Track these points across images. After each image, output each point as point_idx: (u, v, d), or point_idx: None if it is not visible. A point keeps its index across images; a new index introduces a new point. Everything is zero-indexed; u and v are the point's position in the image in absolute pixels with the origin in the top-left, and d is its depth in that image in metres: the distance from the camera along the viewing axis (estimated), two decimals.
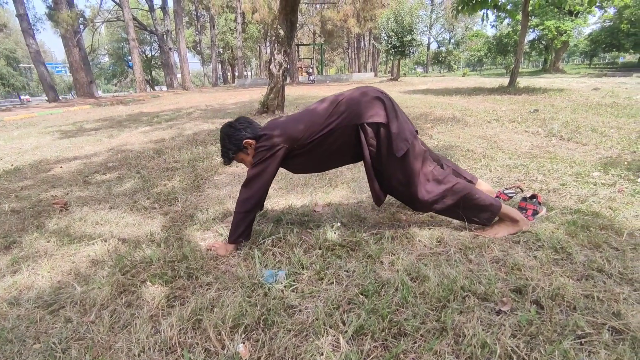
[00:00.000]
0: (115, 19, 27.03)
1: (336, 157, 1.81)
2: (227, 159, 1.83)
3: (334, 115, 1.69)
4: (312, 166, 1.89)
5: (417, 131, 1.80)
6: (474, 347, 1.08)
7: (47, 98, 17.04)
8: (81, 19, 19.65)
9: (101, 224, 2.23)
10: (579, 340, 1.09)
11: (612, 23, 30.26)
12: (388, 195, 1.87)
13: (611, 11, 28.86)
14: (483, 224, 1.78)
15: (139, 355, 1.14)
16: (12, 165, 4.00)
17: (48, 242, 2.01)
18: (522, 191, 2.23)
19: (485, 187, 2.11)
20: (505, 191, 2.18)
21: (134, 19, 23.78)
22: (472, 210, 1.73)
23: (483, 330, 1.14)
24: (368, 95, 1.68)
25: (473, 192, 1.71)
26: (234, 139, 1.76)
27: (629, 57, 42.03)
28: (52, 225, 2.24)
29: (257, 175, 1.70)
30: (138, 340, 1.20)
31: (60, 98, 18.21)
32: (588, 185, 2.35)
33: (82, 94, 17.71)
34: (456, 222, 1.93)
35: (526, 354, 1.05)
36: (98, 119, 8.26)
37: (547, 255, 1.55)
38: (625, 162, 2.79)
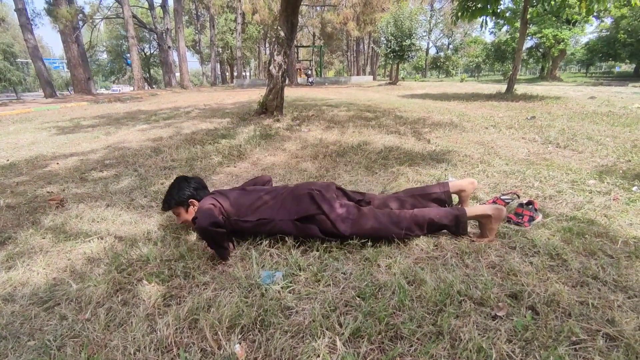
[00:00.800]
0: (114, 16, 26.95)
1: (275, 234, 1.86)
2: (167, 206, 1.94)
3: (269, 207, 1.82)
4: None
5: (363, 193, 2.01)
6: (470, 351, 1.08)
7: (44, 94, 16.93)
8: (80, 15, 19.56)
9: (97, 222, 2.22)
10: (574, 347, 1.10)
11: (609, 33, 30.56)
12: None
13: (608, 21, 29.16)
14: (460, 234, 1.81)
15: (134, 354, 1.14)
16: (8, 160, 3.97)
17: (44, 238, 2.00)
18: (519, 197, 2.25)
19: (465, 182, 2.04)
20: (502, 197, 2.20)
21: (134, 16, 23.70)
22: (444, 226, 1.79)
23: (479, 334, 1.15)
24: (300, 189, 1.83)
25: (431, 214, 1.76)
26: (182, 192, 1.91)
27: (625, 67, 42.45)
28: (47, 221, 2.22)
29: (204, 216, 1.65)
30: (134, 338, 1.19)
31: (58, 94, 18.10)
32: (584, 193, 2.37)
33: (79, 91, 17.61)
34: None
35: (521, 359, 1.06)
36: (95, 115, 8.22)
37: (542, 262, 1.56)
38: (621, 171, 2.81)
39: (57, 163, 3.76)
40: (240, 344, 1.16)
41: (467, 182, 2.02)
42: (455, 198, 2.10)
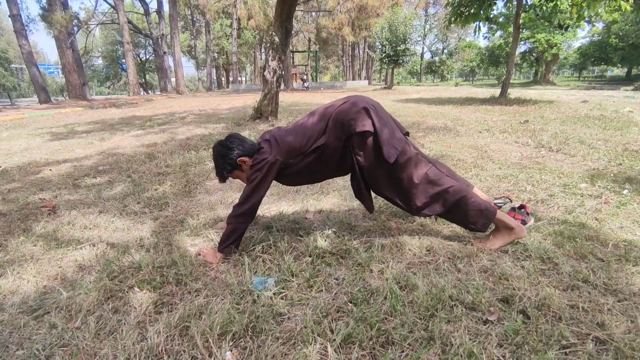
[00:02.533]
0: (109, 22, 26.91)
1: (328, 169, 1.83)
2: (222, 177, 1.84)
3: (324, 130, 1.71)
4: (304, 179, 1.91)
5: (408, 133, 1.82)
6: (461, 356, 1.08)
7: (38, 99, 16.84)
8: (75, 20, 19.53)
9: (90, 228, 2.20)
10: (564, 351, 1.10)
11: (600, 37, 30.97)
12: (380, 203, 1.89)
13: (600, 26, 29.57)
14: (478, 230, 1.75)
15: None
16: (0, 167, 3.94)
17: (35, 246, 1.98)
18: (511, 201, 2.26)
19: (480, 195, 2.08)
20: (495, 201, 2.21)
21: (129, 22, 23.70)
22: (466, 214, 1.71)
23: (470, 339, 1.15)
24: (357, 106, 1.68)
25: (469, 195, 1.70)
26: (228, 158, 1.77)
27: (616, 71, 43.00)
28: (39, 228, 2.21)
29: (253, 191, 1.71)
30: (124, 347, 1.18)
31: (52, 100, 18.02)
32: (575, 197, 2.39)
33: (74, 96, 17.55)
34: (445, 231, 1.95)
35: None
36: (90, 121, 8.19)
37: (534, 266, 1.57)
38: (612, 174, 2.84)
39: (50, 169, 3.74)
40: (231, 351, 1.16)
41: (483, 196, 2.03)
42: None
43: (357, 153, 1.70)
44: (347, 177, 2.99)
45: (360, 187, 1.81)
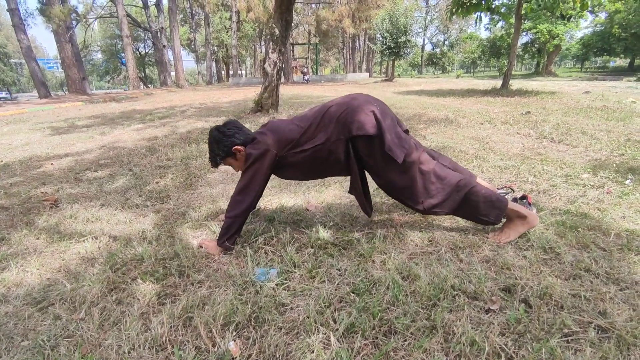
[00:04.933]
0: (108, 15, 26.77)
1: (325, 168, 1.79)
2: (215, 163, 1.82)
3: (324, 128, 1.67)
4: (300, 174, 1.86)
5: (407, 131, 1.80)
6: (463, 345, 1.09)
7: (38, 94, 16.81)
8: (74, 14, 19.42)
9: (92, 221, 2.21)
10: (566, 339, 1.11)
11: (603, 27, 30.67)
12: (382, 194, 1.88)
13: (603, 16, 29.25)
14: (492, 222, 1.71)
15: (128, 352, 1.14)
16: (2, 161, 3.94)
17: (37, 239, 1.99)
18: (514, 191, 2.26)
19: (485, 185, 2.05)
20: (498, 191, 2.20)
21: (128, 15, 23.57)
22: (478, 208, 1.66)
23: (472, 328, 1.16)
24: (360, 106, 1.64)
25: (477, 187, 1.66)
26: (222, 144, 1.74)
27: (619, 62, 42.64)
28: (41, 222, 2.21)
29: (249, 181, 1.70)
30: (128, 337, 1.19)
31: (52, 94, 17.98)
32: (577, 187, 2.39)
33: (74, 91, 17.51)
34: (447, 222, 1.95)
35: (514, 352, 1.07)
36: (90, 115, 8.18)
37: (536, 255, 1.57)
38: (614, 165, 2.83)
39: (52, 163, 3.74)
40: (234, 341, 1.16)
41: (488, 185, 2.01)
42: None
43: (361, 155, 1.68)
44: None
45: (359, 192, 1.79)
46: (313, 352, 1.10)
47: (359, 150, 1.68)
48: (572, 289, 1.33)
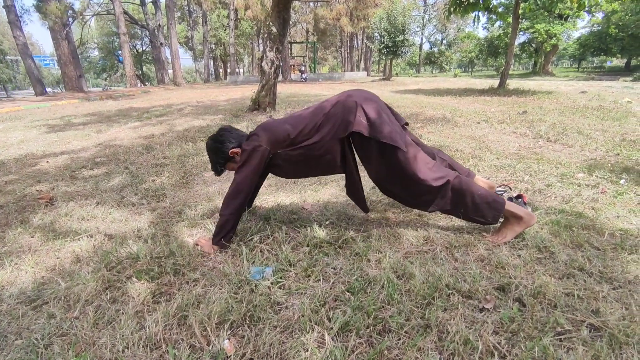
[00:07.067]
0: (105, 12, 26.58)
1: (322, 166, 1.78)
2: (218, 171, 1.86)
3: (320, 126, 1.68)
4: (295, 172, 1.87)
5: (407, 124, 1.81)
6: (457, 343, 1.09)
7: (34, 91, 16.71)
8: (70, 11, 19.28)
9: (87, 220, 2.20)
10: (559, 337, 1.11)
11: (600, 27, 30.75)
12: (377, 193, 1.88)
13: (599, 16, 29.32)
14: (489, 223, 1.71)
15: (123, 351, 1.14)
16: None
17: (32, 237, 1.98)
18: (511, 190, 2.27)
19: (483, 182, 2.04)
20: (496, 189, 2.21)
21: (125, 12, 23.40)
22: (474, 208, 1.66)
23: (466, 327, 1.16)
24: (355, 103, 1.63)
25: (474, 187, 1.65)
26: (220, 152, 1.79)
27: (616, 62, 42.79)
28: (36, 220, 2.21)
29: (242, 178, 1.70)
30: (122, 336, 1.19)
31: (48, 92, 17.88)
32: (572, 186, 2.40)
33: (70, 88, 17.42)
34: (443, 221, 1.96)
35: (507, 351, 1.07)
36: (87, 113, 8.14)
37: (530, 254, 1.58)
38: (609, 164, 2.84)
39: (47, 161, 3.72)
40: (229, 339, 1.16)
41: (486, 183, 2.02)
42: None
43: (358, 151, 1.68)
44: None
45: (355, 188, 1.80)
46: (307, 350, 1.10)
47: (354, 147, 1.69)
48: (566, 287, 1.34)
